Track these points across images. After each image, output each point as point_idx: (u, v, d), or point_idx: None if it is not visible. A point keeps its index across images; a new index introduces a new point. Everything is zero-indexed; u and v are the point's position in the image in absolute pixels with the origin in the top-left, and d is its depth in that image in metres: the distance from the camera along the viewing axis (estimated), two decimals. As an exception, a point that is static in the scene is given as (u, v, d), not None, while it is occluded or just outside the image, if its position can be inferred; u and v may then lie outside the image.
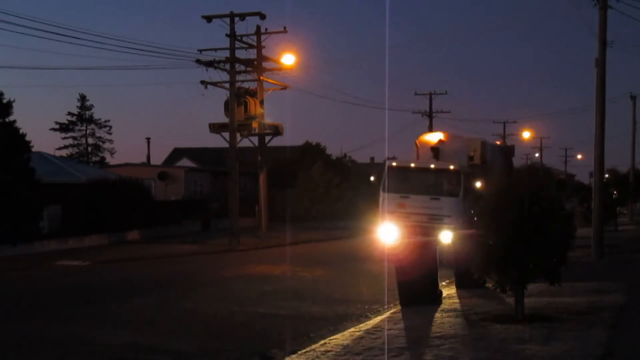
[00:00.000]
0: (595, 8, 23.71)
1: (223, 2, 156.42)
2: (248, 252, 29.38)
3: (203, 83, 32.05)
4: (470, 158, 26.02)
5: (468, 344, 10.12)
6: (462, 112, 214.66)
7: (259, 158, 35.23)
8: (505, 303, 12.37)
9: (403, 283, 14.19)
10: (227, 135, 32.74)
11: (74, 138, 72.44)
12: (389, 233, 22.85)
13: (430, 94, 56.74)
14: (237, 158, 32.57)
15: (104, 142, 73.30)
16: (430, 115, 56.65)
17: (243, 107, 32.80)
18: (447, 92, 63.21)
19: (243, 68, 33.62)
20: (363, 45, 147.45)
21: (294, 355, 9.96)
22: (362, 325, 12.22)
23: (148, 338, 11.52)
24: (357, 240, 30.29)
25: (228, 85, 32.36)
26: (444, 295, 14.85)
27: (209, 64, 31.64)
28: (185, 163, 63.57)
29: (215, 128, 33.37)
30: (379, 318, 12.96)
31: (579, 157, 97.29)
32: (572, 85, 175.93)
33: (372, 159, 77.89)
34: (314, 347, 10.44)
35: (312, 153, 56.37)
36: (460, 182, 23.30)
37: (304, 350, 10.20)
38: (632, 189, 47.53)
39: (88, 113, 72.39)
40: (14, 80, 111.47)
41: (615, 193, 43.57)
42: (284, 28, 33.69)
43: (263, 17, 32.35)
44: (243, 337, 11.69)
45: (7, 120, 27.32)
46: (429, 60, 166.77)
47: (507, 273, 11.39)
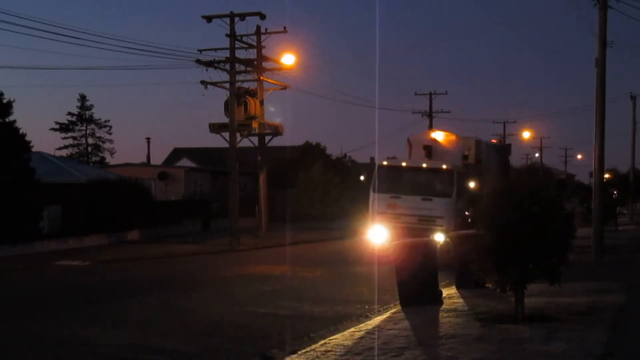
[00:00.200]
0: (595, 8, 23.73)
1: (223, 2, 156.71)
2: (248, 252, 29.39)
3: (203, 83, 32.07)
4: (465, 157, 25.38)
5: (468, 344, 10.11)
6: (462, 112, 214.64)
7: (259, 158, 35.25)
8: (505, 303, 12.37)
9: (403, 283, 14.16)
10: (227, 135, 32.75)
11: (74, 138, 72.54)
12: (379, 235, 22.36)
13: (430, 94, 56.77)
14: (237, 158, 32.58)
15: (104, 142, 73.43)
16: (430, 115, 56.66)
17: (243, 107, 32.82)
18: (447, 92, 63.17)
19: (243, 68, 33.63)
20: (363, 45, 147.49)
21: (294, 355, 9.96)
22: (362, 325, 12.22)
23: (148, 338, 11.52)
24: (357, 241, 30.26)
25: (228, 85, 32.37)
26: (444, 295, 14.83)
27: (209, 64, 31.64)
28: (185, 163, 63.63)
29: (215, 128, 33.38)
30: (379, 318, 12.95)
31: (579, 157, 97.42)
32: (572, 85, 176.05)
33: (372, 159, 77.63)
34: (314, 347, 10.44)
35: (312, 153, 56.39)
36: (453, 182, 22.70)
37: (304, 350, 10.20)
38: (632, 189, 47.56)
39: (88, 113, 72.48)
40: (14, 80, 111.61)
41: (615, 193, 43.58)
42: (284, 28, 33.76)
43: (263, 17, 32.38)
44: (243, 337, 11.68)
45: (7, 120, 27.33)
46: (429, 60, 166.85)
47: (507, 273, 11.38)
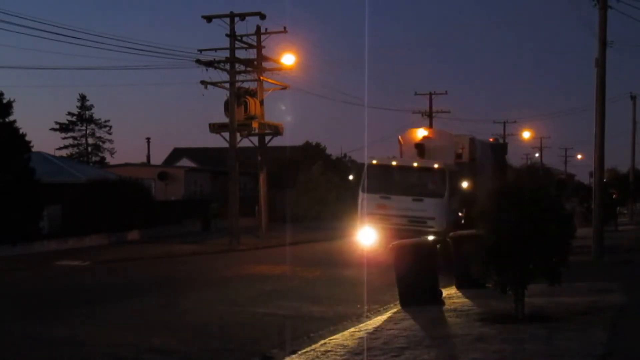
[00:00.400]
0: (595, 8, 23.70)
1: (223, 2, 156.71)
2: (248, 252, 29.39)
3: (203, 83, 32.06)
4: (458, 156, 24.74)
5: (468, 344, 10.11)
6: (462, 112, 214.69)
7: (259, 158, 35.25)
8: (505, 303, 12.35)
9: (403, 283, 14.16)
10: (227, 135, 32.75)
11: (74, 138, 72.57)
12: (368, 237, 21.86)
13: (430, 94, 56.72)
14: (237, 158, 32.58)
15: (104, 142, 73.47)
16: (430, 115, 56.62)
17: (243, 107, 32.82)
18: (447, 92, 63.16)
19: (243, 68, 33.63)
20: (363, 45, 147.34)
21: (294, 355, 9.96)
22: (362, 325, 12.21)
23: (148, 338, 11.51)
24: (356, 241, 30.24)
25: (228, 85, 32.37)
26: (444, 295, 14.82)
27: (209, 64, 31.65)
28: (185, 163, 63.64)
29: (215, 128, 33.38)
30: (379, 318, 12.95)
31: (579, 157, 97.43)
32: (572, 85, 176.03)
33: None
34: (314, 347, 10.44)
35: (312, 153, 56.38)
36: (445, 181, 21.99)
37: (304, 350, 10.20)
38: (632, 189, 47.52)
39: (88, 113, 72.51)
40: (14, 80, 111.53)
41: (615, 193, 43.56)
42: (284, 28, 33.75)
43: (263, 17, 32.37)
44: (243, 337, 11.68)
45: (7, 120, 27.33)
46: (430, 60, 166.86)
47: (507, 273, 11.38)
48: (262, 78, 34.40)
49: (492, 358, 9.32)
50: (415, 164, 22.77)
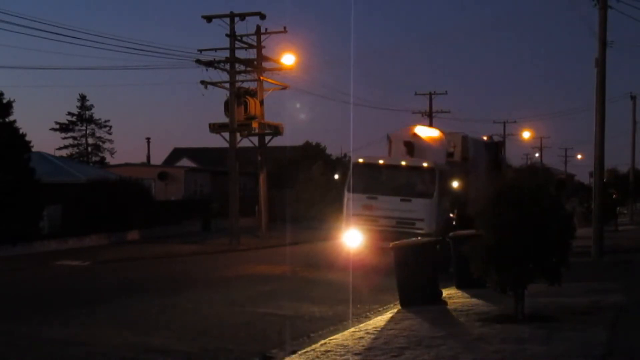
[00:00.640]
0: (595, 8, 23.72)
1: (223, 2, 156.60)
2: (248, 252, 29.38)
3: (203, 83, 32.08)
4: (450, 154, 23.93)
5: (468, 344, 10.11)
6: (462, 112, 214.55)
7: (259, 158, 35.25)
8: (505, 303, 12.36)
9: (403, 283, 14.15)
10: (227, 135, 32.76)
11: (74, 138, 72.59)
12: (353, 239, 21.23)
13: (430, 94, 56.76)
14: (237, 158, 32.58)
15: (104, 142, 73.49)
16: (430, 115, 56.64)
17: (243, 107, 32.83)
18: (447, 92, 63.18)
19: (243, 68, 33.65)
20: (363, 45, 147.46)
21: (294, 355, 9.95)
22: (362, 325, 12.21)
23: (148, 338, 11.51)
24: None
25: (228, 85, 32.39)
26: (444, 295, 14.82)
27: (209, 64, 31.66)
28: (185, 163, 63.65)
29: (215, 128, 33.38)
30: (379, 318, 12.95)
31: (579, 157, 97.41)
32: (572, 85, 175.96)
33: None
34: (314, 347, 10.43)
35: (312, 153, 56.36)
36: (435, 181, 21.10)
37: (304, 350, 10.20)
38: (632, 189, 47.54)
39: (88, 113, 72.53)
40: (14, 80, 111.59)
41: (615, 193, 43.56)
42: (284, 28, 33.77)
43: (263, 17, 32.39)
44: (243, 337, 11.68)
45: (7, 120, 27.36)
46: (430, 60, 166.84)
47: (507, 273, 11.38)
48: (262, 78, 34.40)
49: (492, 358, 9.32)
50: (404, 163, 21.80)
